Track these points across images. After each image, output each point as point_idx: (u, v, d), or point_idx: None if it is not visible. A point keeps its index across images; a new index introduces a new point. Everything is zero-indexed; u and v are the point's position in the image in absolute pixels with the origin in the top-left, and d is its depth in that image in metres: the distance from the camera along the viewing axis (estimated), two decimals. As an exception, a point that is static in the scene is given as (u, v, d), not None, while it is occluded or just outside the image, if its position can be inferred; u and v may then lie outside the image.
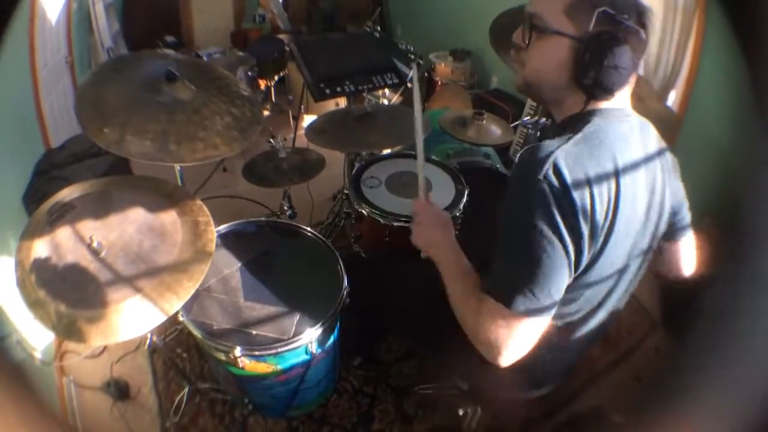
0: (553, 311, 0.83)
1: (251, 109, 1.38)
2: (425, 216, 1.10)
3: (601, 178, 0.80)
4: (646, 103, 1.66)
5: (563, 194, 0.76)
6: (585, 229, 0.79)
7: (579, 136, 0.83)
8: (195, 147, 1.21)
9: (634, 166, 0.85)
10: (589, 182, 0.78)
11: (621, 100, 0.89)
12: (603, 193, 0.79)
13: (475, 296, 0.88)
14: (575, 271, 0.84)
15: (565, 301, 0.91)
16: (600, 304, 0.96)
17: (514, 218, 0.83)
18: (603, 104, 0.88)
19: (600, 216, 0.80)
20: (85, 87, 1.27)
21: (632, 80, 0.87)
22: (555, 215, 0.77)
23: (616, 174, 0.81)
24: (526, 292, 0.80)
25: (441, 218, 1.11)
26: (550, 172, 0.77)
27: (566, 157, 0.78)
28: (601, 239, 0.82)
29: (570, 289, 0.89)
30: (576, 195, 0.77)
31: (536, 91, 0.94)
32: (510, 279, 0.83)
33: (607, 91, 0.84)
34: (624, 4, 0.80)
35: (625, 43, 0.80)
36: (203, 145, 1.22)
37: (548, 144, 0.82)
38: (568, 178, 0.77)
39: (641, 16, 0.82)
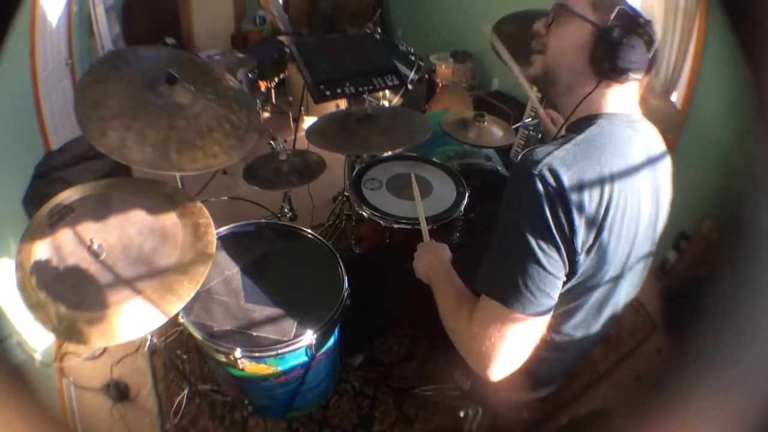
0: (548, 311, 0.83)
1: (248, 115, 1.38)
2: (426, 246, 1.24)
3: (600, 179, 0.80)
4: (648, 101, 1.65)
5: (559, 193, 0.77)
6: (580, 228, 0.79)
7: (581, 136, 0.85)
8: (195, 156, 1.21)
9: (635, 170, 0.86)
10: (586, 182, 0.79)
11: (628, 105, 0.91)
12: (602, 194, 0.80)
13: (467, 304, 0.91)
14: (572, 269, 0.84)
15: (569, 302, 0.92)
16: (602, 306, 0.96)
17: (509, 216, 0.84)
18: (610, 108, 0.90)
19: (598, 216, 0.80)
20: (84, 86, 1.27)
21: (638, 86, 0.91)
22: (547, 214, 0.78)
23: (616, 177, 0.82)
24: (522, 289, 0.80)
25: (439, 246, 1.22)
26: (546, 171, 0.78)
27: (564, 157, 0.80)
28: (600, 240, 0.82)
29: (574, 292, 0.89)
30: (572, 194, 0.78)
31: (552, 75, 0.96)
32: (505, 277, 0.83)
33: (620, 74, 0.87)
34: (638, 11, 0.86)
35: (639, 38, 0.86)
36: (203, 154, 1.23)
37: (546, 146, 0.84)
38: (564, 178, 0.78)
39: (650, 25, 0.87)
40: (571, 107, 0.94)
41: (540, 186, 0.78)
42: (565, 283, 0.87)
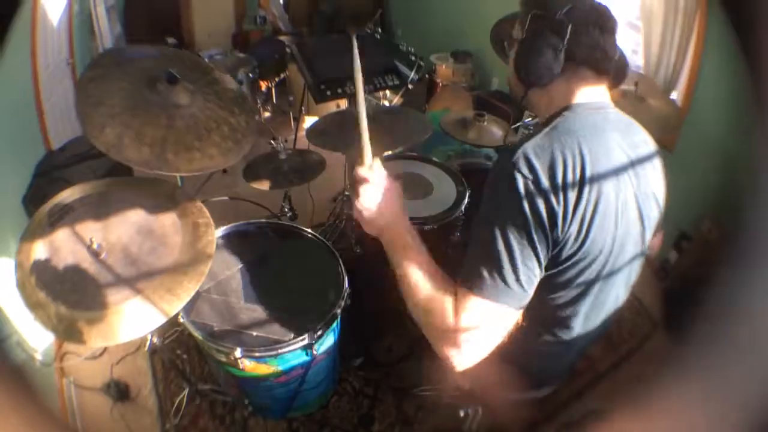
0: (522, 301, 0.83)
1: (246, 118, 1.38)
2: (369, 182, 0.91)
3: (573, 164, 0.81)
4: (648, 102, 1.65)
5: (534, 182, 0.79)
6: (559, 213, 0.80)
7: (548, 128, 0.87)
8: (192, 157, 1.21)
9: (609, 155, 0.86)
10: (560, 168, 0.80)
11: (596, 95, 0.92)
12: (578, 178, 0.81)
13: (445, 290, 0.85)
14: (557, 258, 0.84)
15: (557, 298, 0.93)
16: (595, 303, 0.96)
17: (486, 204, 0.85)
18: (577, 99, 0.92)
19: (571, 202, 0.80)
20: (85, 81, 1.26)
21: (604, 82, 0.93)
22: (524, 203, 0.79)
23: (589, 161, 0.82)
24: (495, 276, 0.81)
25: (389, 184, 0.92)
26: (521, 161, 0.80)
27: (535, 146, 0.82)
28: (579, 227, 0.82)
29: (559, 285, 0.90)
30: (547, 181, 0.79)
31: (511, 92, 1.04)
32: (482, 267, 0.82)
33: (534, 80, 0.91)
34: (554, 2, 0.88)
35: (551, 36, 0.87)
36: (200, 155, 1.22)
37: (520, 140, 0.86)
38: (538, 165, 0.80)
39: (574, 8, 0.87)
40: (532, 108, 1.01)
41: (517, 176, 0.79)
42: (555, 276, 0.88)
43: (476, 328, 0.82)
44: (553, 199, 0.79)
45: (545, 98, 0.96)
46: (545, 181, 0.79)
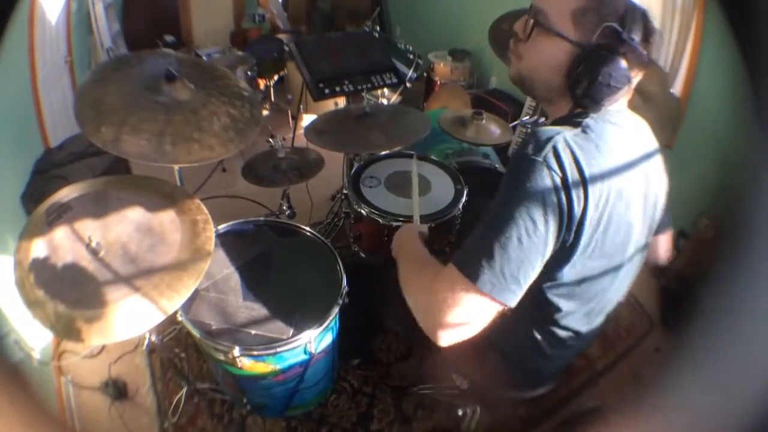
0: (513, 297, 0.81)
1: (250, 109, 1.38)
2: (405, 226, 1.28)
3: (596, 170, 0.79)
4: (654, 95, 1.64)
5: (560, 179, 0.77)
6: (577, 214, 0.78)
7: (578, 129, 0.83)
8: (191, 148, 1.21)
9: (628, 164, 0.85)
10: (584, 172, 0.78)
11: (618, 102, 0.89)
12: (596, 186, 0.79)
13: (432, 269, 0.90)
14: (562, 262, 0.84)
15: (560, 297, 0.92)
16: (597, 301, 0.96)
17: (505, 194, 0.81)
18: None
19: (591, 207, 0.79)
20: (85, 86, 1.27)
21: (628, 90, 0.87)
22: (546, 199, 0.77)
23: (611, 170, 0.81)
24: (496, 270, 0.78)
25: (416, 229, 1.20)
26: (550, 155, 0.77)
27: (566, 144, 0.78)
28: (592, 231, 0.81)
29: (564, 284, 0.89)
30: (571, 182, 0.77)
31: (529, 86, 0.94)
32: (482, 253, 0.80)
33: (594, 103, 0.84)
34: (632, 22, 0.80)
35: (624, 61, 0.80)
36: (199, 147, 1.22)
37: (549, 129, 0.82)
38: (566, 164, 0.77)
39: (648, 36, 0.82)
40: (553, 114, 0.94)
41: (544, 170, 0.76)
42: (559, 278, 0.88)
43: (467, 321, 0.82)
44: (574, 199, 0.77)
45: (561, 101, 0.91)
46: (571, 180, 0.77)
